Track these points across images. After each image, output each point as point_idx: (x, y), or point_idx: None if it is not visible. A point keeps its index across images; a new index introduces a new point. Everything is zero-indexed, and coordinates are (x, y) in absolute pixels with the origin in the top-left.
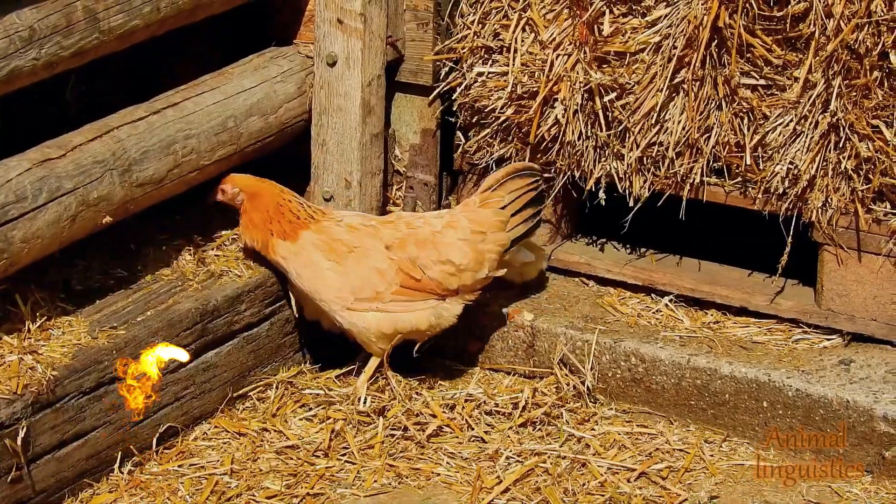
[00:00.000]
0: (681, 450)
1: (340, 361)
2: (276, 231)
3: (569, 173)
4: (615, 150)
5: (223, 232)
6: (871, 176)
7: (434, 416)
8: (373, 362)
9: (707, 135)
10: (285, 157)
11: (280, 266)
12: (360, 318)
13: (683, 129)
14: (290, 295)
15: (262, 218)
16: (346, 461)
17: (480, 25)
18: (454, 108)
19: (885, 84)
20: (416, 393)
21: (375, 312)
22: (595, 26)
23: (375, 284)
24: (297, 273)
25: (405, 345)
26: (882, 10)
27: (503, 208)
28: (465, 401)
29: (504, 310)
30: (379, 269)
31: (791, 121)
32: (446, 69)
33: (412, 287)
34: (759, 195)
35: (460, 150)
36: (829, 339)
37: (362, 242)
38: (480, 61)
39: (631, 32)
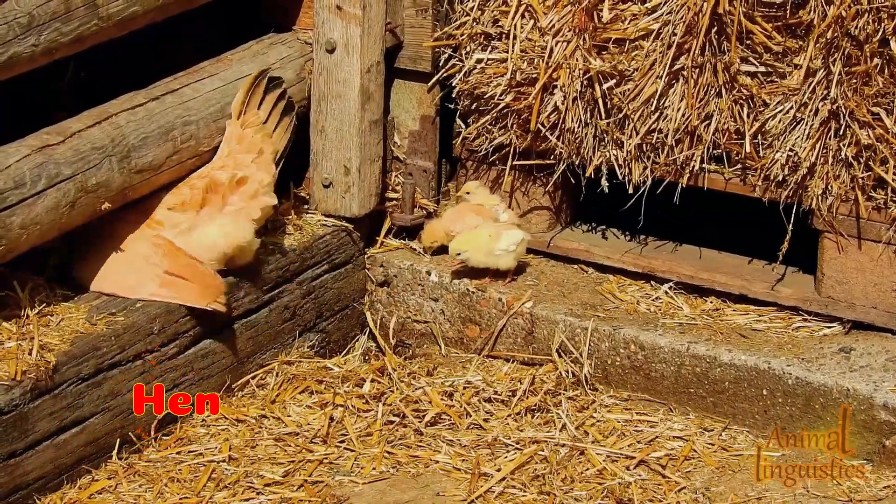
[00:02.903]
0: (680, 438)
1: (340, 347)
2: None
3: (568, 160)
4: (614, 138)
5: None
6: (871, 163)
7: (432, 403)
8: None
9: (707, 122)
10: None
11: None
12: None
13: (683, 116)
14: None
15: None
16: (344, 448)
17: (479, 12)
18: (453, 95)
19: (886, 71)
20: (415, 379)
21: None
22: (594, 13)
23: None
24: None
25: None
26: None
27: (265, 123)
28: (464, 388)
29: (502, 297)
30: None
31: (791, 108)
32: (445, 56)
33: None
34: (759, 182)
35: (460, 137)
36: (829, 327)
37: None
38: (479, 48)
39: (630, 19)
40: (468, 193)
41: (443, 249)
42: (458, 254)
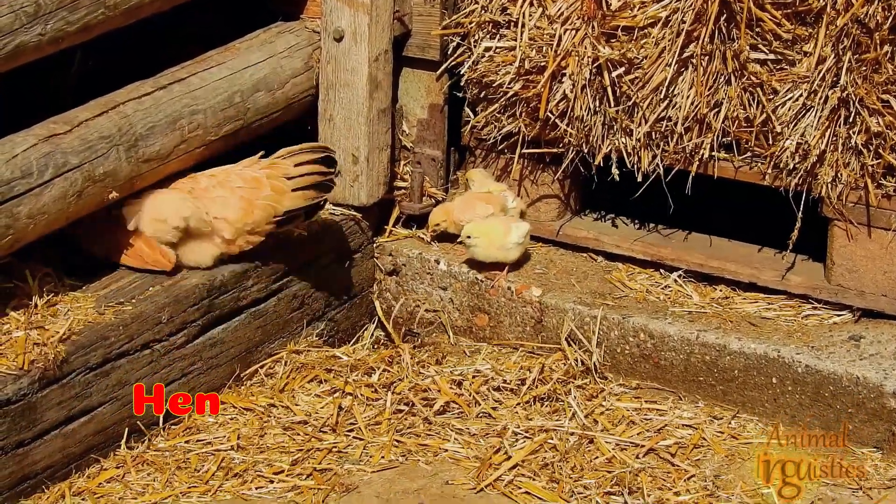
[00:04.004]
0: (689, 426)
1: (348, 336)
2: None
3: (577, 148)
4: (623, 126)
5: None
6: (881, 151)
7: (441, 391)
8: None
9: (716, 109)
10: (292, 132)
11: None
12: None
13: (692, 103)
14: None
15: None
16: (353, 437)
17: (488, 0)
18: (462, 84)
19: None
20: (424, 368)
21: None
22: (603, 0)
23: None
24: None
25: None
26: None
27: (290, 179)
28: (473, 376)
29: (511, 285)
30: None
31: (801, 95)
32: (454, 44)
33: None
34: (769, 170)
35: (469, 125)
36: (839, 315)
37: None
38: (488, 36)
39: (639, 6)
40: (471, 180)
41: (446, 235)
42: (469, 237)
